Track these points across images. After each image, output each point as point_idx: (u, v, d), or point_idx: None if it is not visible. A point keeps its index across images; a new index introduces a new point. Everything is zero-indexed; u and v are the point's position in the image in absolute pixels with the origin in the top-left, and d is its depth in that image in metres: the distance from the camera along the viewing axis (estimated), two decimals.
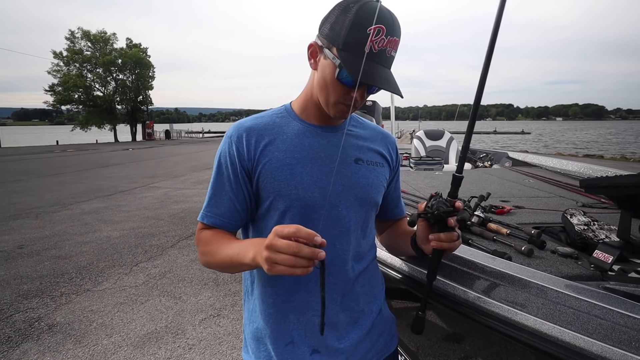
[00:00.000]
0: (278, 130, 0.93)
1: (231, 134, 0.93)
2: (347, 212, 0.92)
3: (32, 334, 2.78)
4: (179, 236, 5.13)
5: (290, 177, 0.88)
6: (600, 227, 1.57)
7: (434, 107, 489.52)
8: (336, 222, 0.91)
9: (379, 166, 0.99)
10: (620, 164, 12.87)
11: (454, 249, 0.89)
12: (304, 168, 0.89)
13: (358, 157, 0.96)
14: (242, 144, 0.90)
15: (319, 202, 0.88)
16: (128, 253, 4.50)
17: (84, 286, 3.60)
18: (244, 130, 0.92)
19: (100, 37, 35.32)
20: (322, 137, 0.94)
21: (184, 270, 3.98)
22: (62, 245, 4.81)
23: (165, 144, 28.16)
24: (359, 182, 0.93)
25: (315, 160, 0.91)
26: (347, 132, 0.98)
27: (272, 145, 0.91)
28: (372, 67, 0.77)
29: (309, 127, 0.94)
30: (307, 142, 0.92)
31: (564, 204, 2.31)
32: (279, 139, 0.92)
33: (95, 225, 5.73)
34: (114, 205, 7.09)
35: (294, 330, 0.93)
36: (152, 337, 2.74)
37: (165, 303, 3.26)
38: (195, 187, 8.99)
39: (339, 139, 0.95)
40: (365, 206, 0.95)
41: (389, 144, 1.05)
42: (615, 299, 0.92)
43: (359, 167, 0.94)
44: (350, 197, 0.92)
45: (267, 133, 0.92)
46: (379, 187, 0.98)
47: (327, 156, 0.92)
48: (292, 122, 0.95)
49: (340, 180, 0.91)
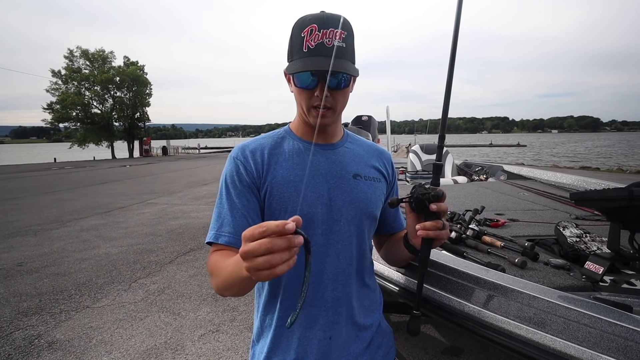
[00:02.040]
0: (280, 150, 0.98)
1: (237, 155, 0.97)
2: (349, 226, 0.95)
3: (32, 351, 2.77)
4: (177, 252, 5.14)
5: (295, 194, 0.92)
6: (592, 239, 1.61)
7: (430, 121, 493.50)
8: (339, 237, 0.94)
9: (376, 181, 1.02)
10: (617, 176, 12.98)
11: (441, 238, 0.90)
12: (307, 185, 0.93)
13: (356, 172, 0.99)
14: (250, 163, 0.94)
15: (321, 217, 0.92)
16: (127, 269, 4.50)
17: (83, 303, 3.60)
18: (249, 151, 0.97)
19: (99, 56, 35.69)
20: (321, 155, 0.98)
21: (183, 286, 3.99)
22: (61, 262, 4.81)
23: (163, 160, 28.20)
24: (358, 196, 0.96)
25: (316, 177, 0.95)
26: (345, 149, 1.02)
27: (277, 165, 0.95)
28: (313, 60, 0.84)
29: (308, 146, 0.99)
30: (311, 160, 0.97)
31: (557, 216, 2.36)
32: (282, 157, 0.96)
33: (94, 242, 5.73)
34: (112, 221, 7.10)
35: (299, 347, 0.94)
36: (152, 353, 2.74)
37: (164, 319, 3.26)
38: (193, 202, 9.01)
39: (338, 156, 1.00)
40: (365, 220, 0.98)
41: (385, 160, 1.09)
42: (605, 308, 0.95)
43: (357, 183, 0.98)
44: (351, 211, 0.95)
45: (272, 152, 0.97)
46: (377, 202, 1.01)
47: (328, 172, 0.96)
48: (293, 142, 0.99)
49: (340, 195, 0.95)
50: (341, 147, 1.02)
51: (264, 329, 1.00)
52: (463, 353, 2.64)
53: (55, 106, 33.04)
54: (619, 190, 1.19)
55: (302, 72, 0.86)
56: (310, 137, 0.99)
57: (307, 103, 0.91)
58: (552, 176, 3.97)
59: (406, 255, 1.04)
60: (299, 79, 0.88)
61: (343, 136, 1.06)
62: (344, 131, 1.08)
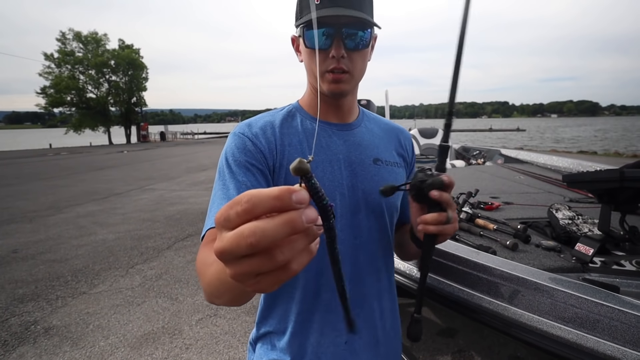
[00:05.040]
0: (293, 129, 0.85)
1: (243, 131, 0.82)
2: (370, 219, 0.85)
3: (29, 337, 2.79)
4: (175, 238, 5.15)
5: None
6: (584, 221, 1.61)
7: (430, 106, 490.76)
8: (357, 232, 0.84)
9: (397, 166, 0.92)
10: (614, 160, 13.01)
11: (446, 234, 0.72)
12: (324, 172, 0.82)
13: (377, 156, 0.88)
14: (260, 140, 0.81)
15: (340, 209, 0.82)
16: (124, 255, 4.51)
17: (79, 289, 3.61)
18: (259, 127, 0.83)
19: (92, 38, 35.12)
20: (337, 137, 0.87)
21: (180, 271, 4.00)
22: (57, 248, 4.81)
23: (161, 146, 28.08)
24: (379, 185, 0.78)
25: (334, 163, 0.84)
26: (363, 129, 0.91)
27: (291, 146, 0.82)
28: (328, 11, 0.74)
29: (323, 127, 0.87)
30: (324, 142, 0.85)
31: (551, 199, 2.36)
32: (295, 138, 0.84)
33: (91, 228, 5.73)
34: (109, 207, 7.09)
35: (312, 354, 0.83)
36: (149, 337, 2.76)
37: (161, 304, 3.28)
38: (191, 188, 9.00)
39: (356, 138, 0.88)
40: (388, 211, 0.88)
41: (405, 140, 0.98)
42: (592, 289, 0.95)
43: (378, 169, 0.87)
44: (372, 202, 0.85)
45: (283, 132, 0.84)
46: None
47: (346, 157, 0.85)
48: (305, 121, 0.87)
49: (361, 184, 0.84)
50: (359, 127, 0.91)
51: (272, 333, 0.88)
52: (458, 334, 2.68)
53: (49, 90, 32.63)
54: (610, 172, 1.18)
55: (314, 29, 0.76)
56: (324, 115, 0.87)
57: (320, 68, 0.78)
58: (549, 160, 3.97)
59: (414, 249, 0.88)
60: (311, 37, 0.77)
61: (359, 114, 0.94)
62: (359, 109, 0.95)
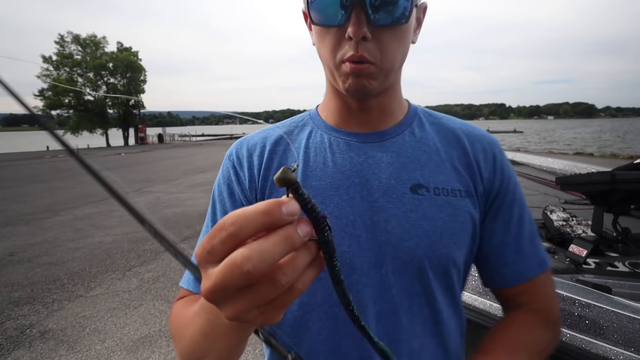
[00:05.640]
0: (297, 145, 0.66)
1: (231, 153, 0.68)
2: (397, 278, 0.58)
3: (24, 341, 2.78)
4: (172, 240, 5.14)
5: None
6: (578, 222, 1.62)
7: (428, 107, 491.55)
8: (378, 295, 0.57)
9: (459, 196, 0.61)
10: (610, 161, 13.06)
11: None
12: (326, 203, 0.60)
13: (418, 181, 0.60)
14: (244, 168, 0.65)
15: (350, 259, 0.57)
16: (121, 258, 4.50)
17: (76, 292, 3.60)
18: (247, 148, 0.67)
19: (91, 41, 35.14)
20: (357, 151, 0.63)
21: (177, 274, 3.99)
22: (54, 251, 4.79)
23: (158, 148, 28.04)
24: (419, 226, 0.58)
25: (342, 190, 0.60)
26: (404, 138, 0.65)
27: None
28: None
29: (338, 136, 0.65)
30: (335, 160, 0.62)
31: (546, 200, 2.37)
32: (291, 159, 0.64)
33: (87, 230, 5.72)
34: (106, 210, 7.07)
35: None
36: (146, 341, 2.76)
37: (158, 307, 3.28)
38: (189, 190, 8.99)
39: (389, 152, 0.63)
40: (431, 270, 0.58)
41: (481, 153, 0.65)
42: (585, 290, 0.96)
43: (418, 201, 0.59)
44: (401, 253, 0.57)
45: (275, 150, 0.66)
46: (458, 234, 0.59)
47: (365, 182, 0.60)
48: (316, 132, 0.67)
49: (383, 223, 0.58)
50: (397, 136, 0.64)
51: None
52: None
53: (46, 93, 32.62)
54: (602, 174, 1.19)
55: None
56: (345, 121, 0.66)
57: (333, 53, 0.56)
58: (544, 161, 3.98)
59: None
60: (319, 8, 0.55)
61: (406, 116, 0.68)
62: (408, 107, 0.70)
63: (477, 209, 0.63)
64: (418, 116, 0.69)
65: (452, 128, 0.67)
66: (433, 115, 0.70)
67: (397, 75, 0.63)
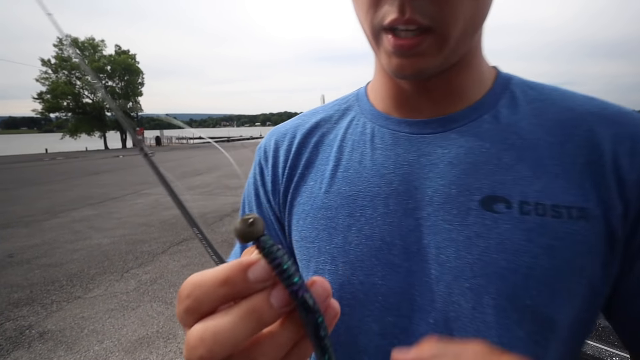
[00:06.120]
0: (330, 138, 0.51)
1: (260, 146, 0.57)
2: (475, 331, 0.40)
3: (23, 341, 2.80)
4: (170, 242, 5.15)
5: (328, 238, 0.45)
6: None
7: None
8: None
9: (568, 216, 0.38)
10: None
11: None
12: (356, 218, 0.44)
13: (493, 191, 0.40)
14: (268, 164, 0.53)
15: (384, 298, 0.42)
16: (119, 260, 4.51)
17: (74, 293, 3.61)
18: (275, 139, 0.55)
19: (89, 44, 35.20)
20: (406, 146, 0.45)
21: (175, 275, 4.01)
22: (53, 253, 4.80)
23: (156, 151, 28.01)
24: (488, 260, 0.38)
25: (382, 200, 0.44)
26: (483, 125, 0.44)
27: (310, 168, 0.50)
28: None
29: (385, 126, 0.48)
30: (375, 157, 0.46)
31: None
32: (323, 154, 0.50)
33: (86, 232, 5.72)
34: (104, 212, 7.08)
35: None
36: (144, 342, 2.77)
37: (156, 308, 3.29)
38: (187, 193, 9.00)
39: (451, 147, 0.43)
40: (525, 323, 0.38)
41: (634, 143, 0.39)
42: None
43: (494, 221, 0.39)
44: (457, 298, 0.39)
45: (310, 142, 0.52)
46: (560, 278, 0.38)
47: (413, 189, 0.43)
48: (359, 119, 0.51)
49: (435, 254, 0.41)
50: (472, 123, 0.44)
51: None
52: None
53: (45, 96, 32.69)
54: None
55: None
56: (398, 106, 0.48)
57: (368, 15, 0.40)
58: None
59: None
60: None
61: (489, 92, 0.46)
62: (495, 79, 0.47)
63: (607, 240, 0.38)
64: (510, 91, 0.46)
65: (569, 107, 0.43)
66: (537, 89, 0.46)
67: (475, 41, 0.43)
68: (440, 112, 0.46)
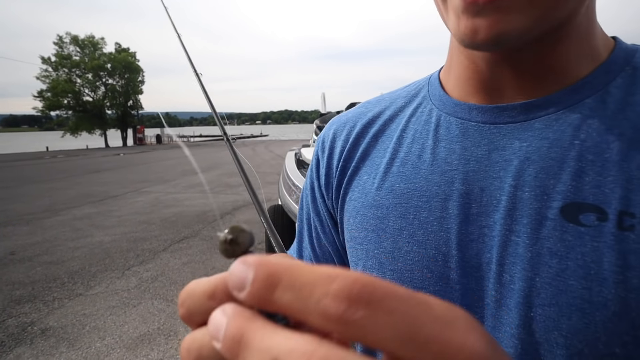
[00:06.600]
0: (392, 128, 0.45)
1: (320, 135, 0.52)
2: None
3: (26, 338, 2.82)
4: (171, 240, 5.17)
5: (377, 241, 0.40)
6: None
7: None
8: None
9: None
10: None
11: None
12: (409, 220, 0.39)
13: (581, 197, 0.31)
14: (325, 155, 0.49)
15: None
16: (120, 257, 4.53)
17: (76, 290, 3.63)
18: (334, 128, 0.50)
19: (89, 42, 35.20)
20: (475, 138, 0.38)
21: (176, 273, 4.03)
22: (54, 250, 4.82)
23: (157, 149, 28.05)
24: (564, 286, 0.30)
25: (439, 202, 0.38)
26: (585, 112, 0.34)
27: (366, 160, 0.45)
28: None
29: (453, 114, 0.40)
30: (437, 152, 0.40)
31: None
32: (381, 146, 0.44)
33: (87, 230, 5.74)
34: (105, 210, 7.10)
35: None
36: (145, 338, 2.79)
37: (157, 305, 3.31)
38: (187, 191, 9.02)
39: (532, 139, 0.35)
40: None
41: None
42: None
43: (578, 235, 0.31)
44: (522, 330, 0.32)
45: (369, 132, 0.46)
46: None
47: (478, 191, 0.36)
48: (425, 106, 0.44)
49: (498, 271, 0.34)
50: (566, 109, 0.34)
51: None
52: None
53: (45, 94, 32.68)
54: None
55: None
56: (474, 90, 0.39)
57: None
58: None
59: None
60: None
61: (599, 67, 0.35)
62: (610, 53, 0.36)
63: None
64: (632, 67, 0.35)
65: None
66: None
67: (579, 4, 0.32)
68: (527, 96, 0.36)
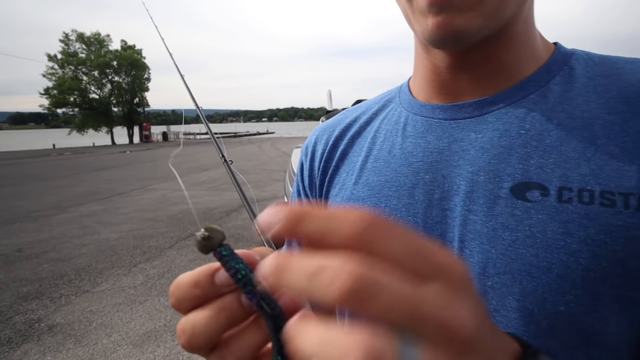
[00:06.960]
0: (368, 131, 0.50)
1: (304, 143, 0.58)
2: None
3: (33, 334, 2.83)
4: (177, 237, 5.18)
5: None
6: None
7: None
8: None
9: (624, 205, 0.32)
10: None
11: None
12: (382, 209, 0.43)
13: (527, 177, 0.36)
14: (307, 158, 0.55)
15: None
16: (126, 254, 4.54)
17: (83, 287, 3.65)
18: (317, 134, 0.56)
19: (95, 39, 35.35)
20: (437, 133, 0.43)
21: (183, 270, 4.02)
22: (61, 247, 4.85)
23: (163, 146, 28.18)
24: (515, 255, 0.34)
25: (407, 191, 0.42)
26: (529, 105, 0.39)
27: (345, 160, 0.50)
28: None
29: (419, 113, 0.46)
30: (405, 146, 0.44)
31: None
32: (357, 146, 0.50)
33: (94, 227, 5.77)
34: (112, 207, 7.13)
35: None
36: (152, 335, 2.79)
37: (163, 302, 3.31)
38: (193, 188, 9.04)
39: (485, 131, 0.40)
40: (535, 334, 0.33)
41: None
42: None
43: (525, 210, 0.35)
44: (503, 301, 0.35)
45: (346, 136, 0.52)
46: (606, 281, 0.31)
47: (440, 178, 0.40)
48: (396, 109, 0.49)
49: (459, 247, 0.38)
50: (514, 104, 0.40)
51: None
52: None
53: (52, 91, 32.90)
54: None
55: None
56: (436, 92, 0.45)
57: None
58: None
59: None
60: None
61: (543, 67, 0.41)
62: (551, 56, 0.42)
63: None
64: (569, 67, 0.40)
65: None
66: (606, 64, 0.39)
67: (525, 8, 0.39)
68: (481, 94, 0.41)
